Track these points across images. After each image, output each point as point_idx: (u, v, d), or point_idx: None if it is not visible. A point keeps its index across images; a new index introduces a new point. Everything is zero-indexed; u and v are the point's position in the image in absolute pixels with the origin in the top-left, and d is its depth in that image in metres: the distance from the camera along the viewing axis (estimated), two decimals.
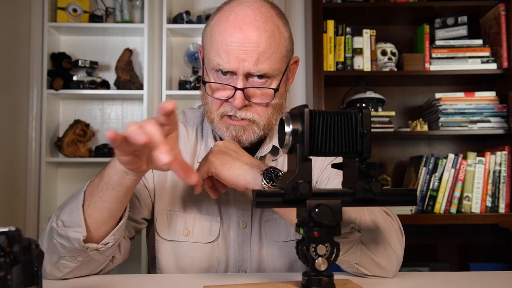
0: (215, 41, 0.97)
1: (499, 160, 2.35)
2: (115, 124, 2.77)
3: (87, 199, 0.88)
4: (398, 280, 0.90)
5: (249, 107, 0.99)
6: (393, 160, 2.72)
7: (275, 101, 1.00)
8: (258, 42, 0.94)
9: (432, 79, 2.59)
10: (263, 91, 0.98)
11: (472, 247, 2.66)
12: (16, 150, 2.54)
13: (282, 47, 0.99)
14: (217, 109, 1.00)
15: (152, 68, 2.67)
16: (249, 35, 0.94)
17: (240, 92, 0.95)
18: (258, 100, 0.99)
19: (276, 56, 0.97)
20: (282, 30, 0.99)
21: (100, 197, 0.86)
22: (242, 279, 0.92)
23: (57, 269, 0.90)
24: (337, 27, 2.51)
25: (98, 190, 0.87)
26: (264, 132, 1.03)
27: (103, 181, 0.86)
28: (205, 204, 1.05)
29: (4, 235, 0.55)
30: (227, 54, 0.95)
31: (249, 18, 0.95)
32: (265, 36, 0.95)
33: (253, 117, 0.99)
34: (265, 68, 0.95)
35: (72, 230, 0.87)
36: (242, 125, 1.00)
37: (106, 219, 0.88)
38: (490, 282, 0.90)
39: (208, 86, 1.00)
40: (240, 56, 0.94)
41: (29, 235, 2.50)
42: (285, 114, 0.71)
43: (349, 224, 0.87)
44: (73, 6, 2.60)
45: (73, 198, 0.91)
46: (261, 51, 0.94)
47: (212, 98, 1.00)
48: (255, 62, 0.94)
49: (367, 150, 0.71)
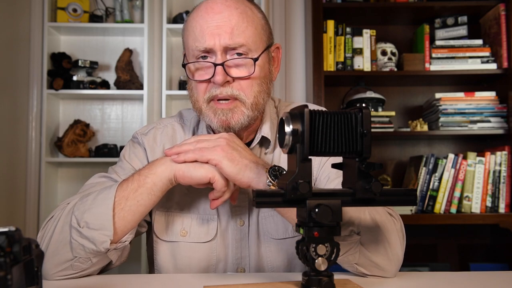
0: (190, 28, 1.00)
1: (499, 160, 2.35)
2: (115, 124, 2.77)
3: (120, 203, 0.90)
4: (398, 280, 0.90)
5: (232, 83, 0.98)
6: (393, 160, 2.72)
7: (257, 75, 0.99)
8: (229, 16, 0.97)
9: (432, 79, 2.59)
10: (242, 61, 0.98)
11: (472, 247, 2.66)
12: (16, 150, 2.54)
13: (256, 24, 1.00)
14: (203, 94, 1.00)
15: (152, 68, 2.67)
16: (220, 12, 0.97)
17: (219, 67, 0.96)
18: (239, 73, 0.98)
19: (250, 30, 0.98)
20: (254, 11, 1.02)
21: (138, 201, 0.91)
22: (242, 279, 0.92)
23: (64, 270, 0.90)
24: (337, 27, 2.51)
25: (136, 195, 0.91)
26: (253, 113, 1.01)
27: (144, 187, 0.91)
28: (202, 204, 1.06)
29: (4, 235, 0.55)
30: (202, 34, 0.97)
31: (219, 1, 0.99)
32: (237, 12, 0.98)
33: (238, 94, 0.98)
34: (241, 40, 0.97)
35: (99, 233, 0.87)
36: (229, 107, 0.99)
37: (136, 221, 0.93)
38: (490, 282, 0.90)
39: (188, 69, 1.01)
40: (214, 31, 0.96)
41: (29, 235, 2.50)
42: (285, 114, 0.71)
43: (348, 227, 0.87)
44: (73, 6, 2.60)
45: (97, 201, 0.90)
46: (234, 24, 0.97)
47: (196, 83, 1.01)
48: (230, 35, 0.96)
49: (367, 150, 0.71)
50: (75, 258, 0.89)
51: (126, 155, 1.10)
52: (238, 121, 0.99)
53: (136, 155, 1.09)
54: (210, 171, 0.91)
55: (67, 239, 0.89)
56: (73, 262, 0.89)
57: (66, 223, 0.90)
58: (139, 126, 2.69)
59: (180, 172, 0.92)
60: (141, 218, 0.94)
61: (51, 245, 0.90)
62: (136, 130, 1.15)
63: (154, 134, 1.11)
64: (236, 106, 0.99)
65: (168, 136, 1.11)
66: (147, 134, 1.11)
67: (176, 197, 1.06)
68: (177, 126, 1.13)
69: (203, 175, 0.91)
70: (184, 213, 1.06)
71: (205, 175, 0.91)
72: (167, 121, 1.15)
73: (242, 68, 0.99)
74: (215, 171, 0.91)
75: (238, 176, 0.89)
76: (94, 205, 0.90)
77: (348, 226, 0.87)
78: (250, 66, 0.98)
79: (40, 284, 0.61)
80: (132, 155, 1.09)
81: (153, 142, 1.10)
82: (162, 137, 1.11)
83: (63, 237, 0.89)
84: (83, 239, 0.87)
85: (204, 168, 0.91)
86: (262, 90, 1.01)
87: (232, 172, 0.89)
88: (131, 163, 1.08)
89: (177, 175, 0.92)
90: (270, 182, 0.87)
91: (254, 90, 0.99)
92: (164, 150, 1.08)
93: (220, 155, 0.90)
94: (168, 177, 0.92)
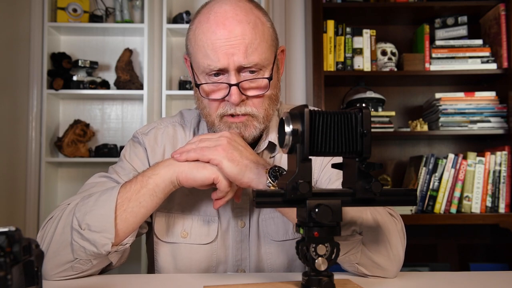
0: (200, 43, 0.97)
1: (499, 160, 2.35)
2: (115, 124, 2.77)
3: (123, 204, 0.89)
4: (398, 280, 0.90)
5: (246, 101, 0.99)
6: (393, 160, 2.72)
7: (270, 92, 1.00)
8: (243, 34, 0.94)
9: (432, 79, 2.59)
10: (257, 83, 0.98)
11: (472, 247, 2.66)
12: (16, 150, 2.54)
13: (267, 36, 0.99)
14: (216, 111, 1.00)
15: (152, 68, 2.67)
16: (233, 29, 0.94)
17: (235, 87, 0.95)
18: (254, 92, 0.98)
19: (263, 46, 0.97)
20: (263, 20, 1.00)
21: (140, 203, 0.90)
22: (242, 279, 0.92)
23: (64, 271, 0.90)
24: (337, 27, 2.51)
25: (138, 196, 0.90)
26: (264, 125, 1.02)
27: (146, 187, 0.90)
28: (202, 205, 1.06)
29: (4, 235, 0.55)
30: (215, 53, 0.95)
31: (229, 14, 0.96)
32: (249, 27, 0.95)
33: (252, 111, 0.99)
34: (255, 59, 0.95)
35: (100, 235, 0.87)
36: (243, 121, 0.99)
37: (138, 223, 0.92)
38: (490, 282, 0.90)
39: (202, 89, 1.00)
40: (228, 51, 0.94)
41: (29, 235, 2.50)
42: (285, 114, 0.71)
43: (350, 227, 0.87)
44: (73, 6, 2.60)
45: (99, 202, 0.90)
46: (248, 43, 0.94)
47: (209, 100, 1.00)
48: (244, 54, 0.94)
49: (367, 150, 0.71)
50: (76, 260, 0.88)
51: (126, 155, 1.10)
52: (250, 134, 1.01)
53: (136, 155, 1.09)
54: (213, 171, 0.90)
55: (68, 241, 0.88)
56: (74, 264, 0.89)
57: (67, 225, 0.89)
58: (139, 126, 2.69)
59: (183, 174, 0.91)
60: (142, 220, 0.93)
61: (52, 246, 0.90)
62: (137, 130, 1.14)
63: (155, 134, 1.11)
64: (249, 120, 1.00)
65: (169, 137, 1.11)
66: (148, 134, 1.11)
67: (177, 198, 1.06)
68: (178, 127, 1.13)
69: (206, 176, 0.91)
70: (185, 214, 1.05)
71: (208, 176, 0.90)
72: (168, 121, 1.15)
73: (256, 86, 0.99)
74: (218, 171, 0.90)
75: (238, 177, 0.89)
76: (96, 206, 0.89)
77: (350, 225, 0.87)
78: (264, 85, 0.99)
79: (40, 284, 0.61)
80: (133, 155, 1.09)
81: (154, 142, 1.10)
82: (163, 137, 1.11)
83: (64, 238, 0.89)
84: (84, 241, 0.87)
85: (207, 169, 0.91)
86: (272, 102, 1.03)
87: (232, 172, 0.89)
88: (131, 163, 1.08)
89: (179, 176, 0.91)
90: (270, 183, 0.87)
91: (266, 104, 1.01)
92: (165, 150, 1.08)
93: (221, 155, 0.90)
94: (171, 178, 0.91)
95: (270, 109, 1.02)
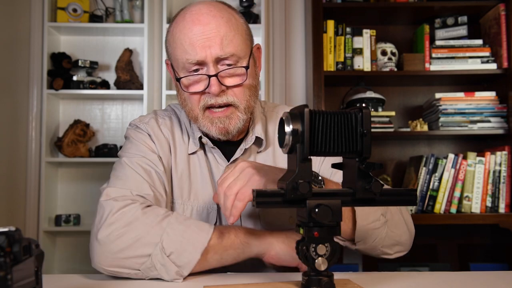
0: (178, 41, 1.01)
1: (499, 160, 2.35)
2: (115, 124, 2.77)
3: (209, 251, 0.91)
4: (398, 280, 0.90)
5: (226, 91, 1.02)
6: (393, 160, 2.72)
7: (249, 81, 1.03)
8: (217, 27, 0.99)
9: (432, 79, 2.59)
10: (235, 71, 1.02)
11: (472, 247, 2.65)
12: (16, 150, 2.54)
13: (241, 30, 1.04)
14: (198, 104, 1.03)
15: (152, 68, 2.67)
16: (208, 23, 0.99)
17: (214, 78, 0.99)
18: (233, 82, 1.02)
19: (238, 38, 1.01)
20: (236, 17, 1.05)
21: (221, 258, 0.93)
22: (242, 279, 0.92)
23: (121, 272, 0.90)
24: (337, 27, 2.51)
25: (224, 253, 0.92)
26: (247, 116, 1.05)
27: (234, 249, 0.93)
28: (201, 193, 1.08)
29: (4, 235, 0.55)
30: (193, 47, 0.99)
31: (204, 10, 1.01)
32: (223, 21, 1.00)
33: (233, 101, 1.02)
34: (231, 49, 1.00)
35: (178, 269, 0.88)
36: (226, 114, 1.03)
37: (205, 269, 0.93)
38: (490, 282, 0.90)
39: (182, 84, 1.03)
40: (205, 44, 0.98)
41: (29, 235, 2.51)
42: (285, 114, 0.71)
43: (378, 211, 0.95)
44: (73, 6, 2.60)
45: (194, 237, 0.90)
46: (223, 35, 0.99)
47: (190, 94, 1.03)
48: (220, 46, 0.99)
49: (367, 150, 0.71)
50: (139, 271, 0.89)
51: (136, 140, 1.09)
52: (235, 126, 1.04)
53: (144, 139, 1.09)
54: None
55: (146, 252, 0.89)
56: (135, 271, 0.90)
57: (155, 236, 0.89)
58: None
59: (273, 252, 0.95)
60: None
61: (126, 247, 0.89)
62: (132, 123, 1.14)
63: (156, 122, 1.12)
64: (232, 112, 1.03)
65: (167, 127, 1.12)
66: (149, 122, 1.12)
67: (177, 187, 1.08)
68: (174, 120, 1.15)
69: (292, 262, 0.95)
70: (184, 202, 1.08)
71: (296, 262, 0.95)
72: (164, 114, 1.16)
73: (235, 75, 1.02)
74: None
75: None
76: (185, 239, 0.90)
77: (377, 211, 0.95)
78: (242, 74, 1.02)
79: (40, 284, 0.61)
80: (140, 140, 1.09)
81: (158, 129, 1.11)
82: (163, 127, 1.12)
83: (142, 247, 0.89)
84: (161, 266, 0.88)
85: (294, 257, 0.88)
86: (252, 93, 1.06)
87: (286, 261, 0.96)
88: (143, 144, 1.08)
89: (267, 253, 0.95)
90: None
91: (246, 94, 1.04)
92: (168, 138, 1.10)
93: None
94: (258, 253, 0.95)
95: (252, 100, 1.05)
